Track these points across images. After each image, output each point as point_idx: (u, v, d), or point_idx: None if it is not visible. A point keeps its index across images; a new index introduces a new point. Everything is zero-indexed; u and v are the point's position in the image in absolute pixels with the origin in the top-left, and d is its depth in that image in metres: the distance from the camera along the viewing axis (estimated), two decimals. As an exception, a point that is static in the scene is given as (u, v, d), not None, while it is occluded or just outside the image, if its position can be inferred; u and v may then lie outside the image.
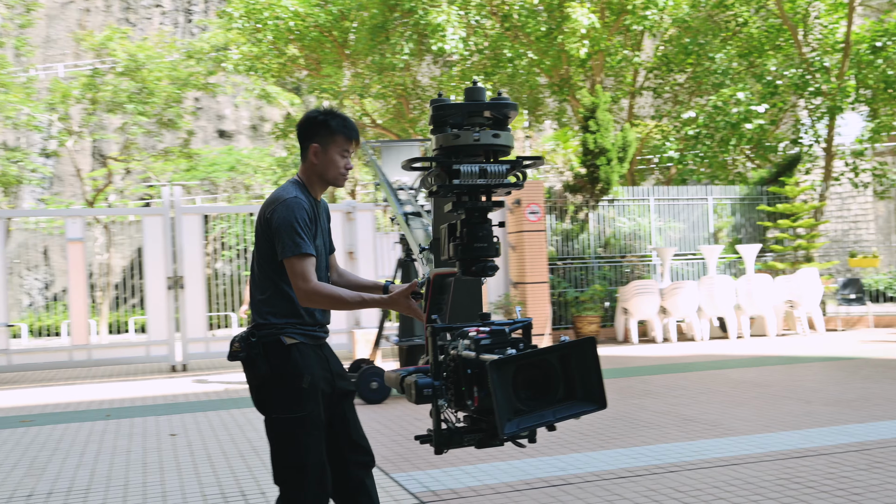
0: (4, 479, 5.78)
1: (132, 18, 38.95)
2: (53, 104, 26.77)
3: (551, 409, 2.13)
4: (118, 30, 27.30)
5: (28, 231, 32.03)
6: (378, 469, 5.62)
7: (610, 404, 7.27)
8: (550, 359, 2.12)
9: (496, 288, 13.38)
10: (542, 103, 22.02)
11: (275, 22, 19.35)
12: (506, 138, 2.15)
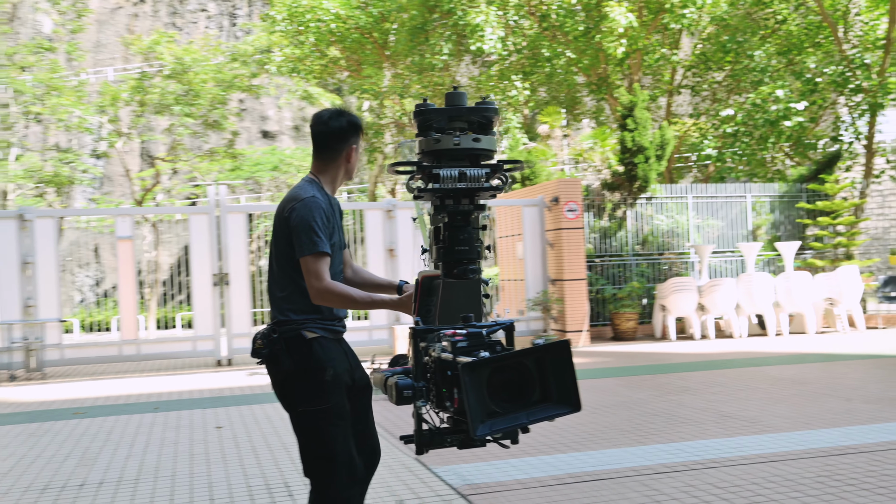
0: (59, 468, 5.89)
1: (179, 23, 39.43)
2: (103, 107, 27.20)
3: (526, 411, 2.11)
4: (165, 34, 27.66)
5: (79, 230, 32.58)
6: (417, 462, 5.64)
7: (649, 400, 7.21)
8: (526, 362, 2.10)
9: (534, 285, 13.33)
10: (580, 102, 21.90)
11: (317, 24, 19.48)
12: (487, 142, 2.12)
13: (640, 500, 4.55)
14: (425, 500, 4.73)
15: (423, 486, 5.05)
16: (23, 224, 11.24)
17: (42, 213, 11.66)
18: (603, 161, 15.94)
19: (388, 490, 4.97)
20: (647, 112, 14.36)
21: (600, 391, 8.46)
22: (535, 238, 13.43)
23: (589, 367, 10.46)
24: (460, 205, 2.18)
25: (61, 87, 26.47)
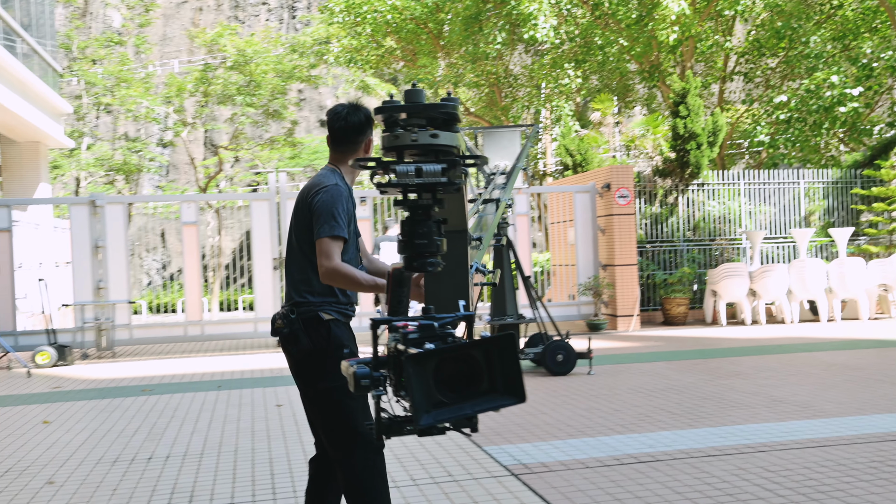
0: (128, 442, 6.03)
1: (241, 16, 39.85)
2: (169, 97, 27.66)
3: (472, 401, 2.09)
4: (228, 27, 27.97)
5: (147, 215, 33.26)
6: (471, 441, 5.65)
7: (700, 384, 7.10)
8: (474, 353, 2.08)
9: (585, 270, 13.22)
10: (632, 89, 21.61)
11: (373, 15, 19.50)
12: (446, 138, 2.10)
13: (691, 482, 4.49)
14: (478, 479, 4.73)
15: (475, 464, 5.05)
16: (94, 210, 11.50)
17: (112, 200, 11.91)
18: (655, 148, 15.72)
19: (442, 467, 4.98)
20: (699, 99, 14.09)
21: (651, 374, 8.36)
22: (586, 224, 13.31)
23: (639, 351, 10.35)
24: (421, 199, 2.17)
25: (130, 79, 26.98)
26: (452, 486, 4.60)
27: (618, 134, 21.19)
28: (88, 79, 27.29)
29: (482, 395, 2.09)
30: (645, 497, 4.26)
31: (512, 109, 20.19)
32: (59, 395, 8.40)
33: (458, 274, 2.44)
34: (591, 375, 8.43)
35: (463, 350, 2.08)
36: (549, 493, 4.39)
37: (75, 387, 8.92)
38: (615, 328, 12.91)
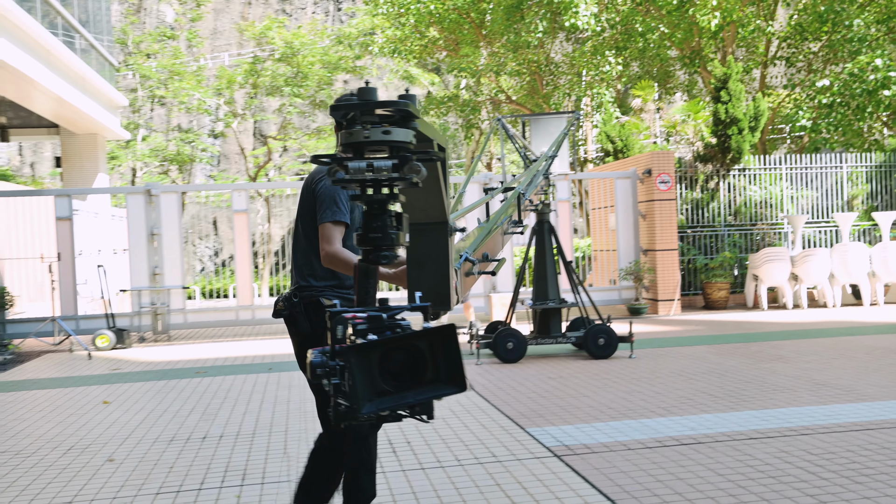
0: (183, 422, 6.13)
1: (288, 9, 40.04)
2: (220, 90, 27.95)
3: (415, 390, 2.09)
4: (276, 20, 28.13)
5: (199, 204, 33.70)
6: (514, 423, 5.63)
7: (741, 367, 6.98)
8: (419, 344, 2.08)
9: (626, 255, 13.09)
10: (673, 76, 21.29)
11: (417, 6, 19.44)
12: (399, 134, 2.09)
13: (733, 465, 4.42)
14: (521, 460, 4.71)
15: (519, 446, 5.04)
16: (150, 199, 11.67)
17: (167, 189, 12.08)
18: (695, 133, 15.47)
19: (486, 448, 4.98)
20: (741, 84, 13.82)
21: (692, 358, 8.26)
22: (627, 209, 13.17)
23: (680, 335, 10.23)
24: (376, 194, 2.17)
25: (182, 72, 27.31)
26: (496, 467, 4.59)
27: (658, 120, 20.89)
28: (143, 72, 27.68)
29: (426, 384, 2.10)
30: (687, 479, 4.21)
31: (553, 97, 20.01)
32: (117, 376, 8.57)
33: (440, 264, 2.44)
34: (632, 359, 8.35)
35: (407, 340, 2.09)
36: (592, 475, 4.36)
37: (133, 369, 9.09)
38: (656, 312, 12.78)
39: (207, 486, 4.46)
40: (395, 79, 29.70)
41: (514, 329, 8.57)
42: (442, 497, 4.10)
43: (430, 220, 2.41)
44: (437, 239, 2.44)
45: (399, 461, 4.78)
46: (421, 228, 2.43)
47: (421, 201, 2.35)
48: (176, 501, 4.22)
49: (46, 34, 12.62)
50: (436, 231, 2.43)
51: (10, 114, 16.43)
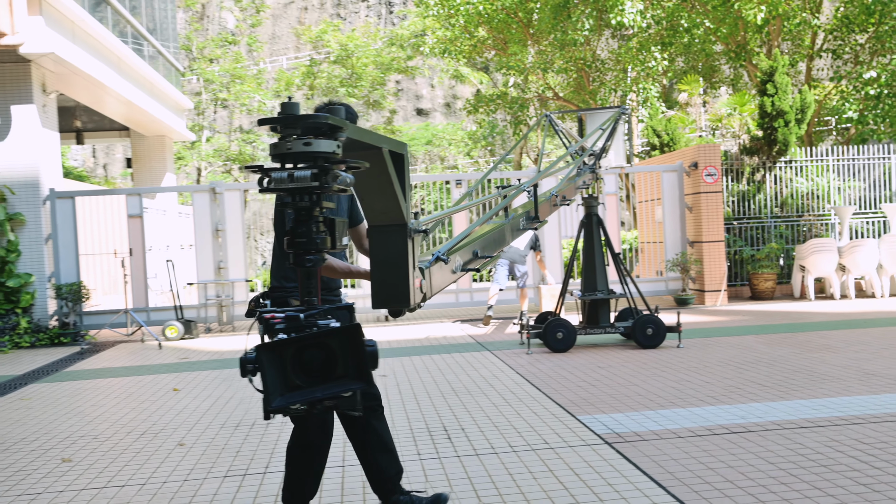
0: (247, 408, 6.21)
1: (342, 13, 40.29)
2: (279, 91, 28.26)
3: (325, 385, 2.18)
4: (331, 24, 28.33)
5: (260, 201, 34.15)
6: (565, 411, 5.58)
7: (789, 357, 6.82)
8: (331, 342, 2.18)
9: (673, 247, 12.89)
10: (718, 70, 20.88)
11: (466, 7, 19.38)
12: (320, 145, 2.15)
13: (784, 453, 4.32)
14: (573, 447, 4.67)
15: (570, 433, 4.99)
16: (214, 197, 11.85)
17: (230, 187, 12.25)
18: (741, 126, 15.15)
19: (538, 435, 4.94)
20: (787, 77, 13.48)
21: (740, 348, 8.10)
22: (673, 202, 12.96)
23: (728, 325, 10.04)
24: (301, 201, 2.24)
25: (243, 76, 27.67)
26: (548, 454, 4.55)
27: (704, 114, 20.52)
28: (207, 77, 28.12)
29: (337, 379, 2.18)
30: (738, 467, 4.13)
31: (599, 93, 19.79)
32: (186, 365, 8.72)
33: (400, 265, 2.49)
34: (680, 348, 8.22)
35: (317, 339, 2.17)
36: (643, 462, 4.30)
37: (200, 358, 9.24)
38: (702, 303, 12.56)
39: (272, 469, 4.51)
40: (446, 78, 29.70)
41: (563, 319, 8.50)
42: (496, 482, 4.08)
43: (390, 222, 2.45)
44: (396, 240, 2.48)
45: (454, 447, 4.78)
46: (382, 230, 2.47)
47: (379, 204, 2.40)
48: (243, 483, 4.27)
49: (118, 42, 12.89)
50: (395, 233, 2.47)
51: (84, 118, 16.85)
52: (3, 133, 10.89)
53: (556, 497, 3.81)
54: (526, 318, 9.10)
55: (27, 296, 10.78)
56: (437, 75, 31.46)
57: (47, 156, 11.27)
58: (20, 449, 5.28)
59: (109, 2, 13.00)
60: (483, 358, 8.18)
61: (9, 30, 10.01)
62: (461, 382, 6.86)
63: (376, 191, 2.42)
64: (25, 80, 10.87)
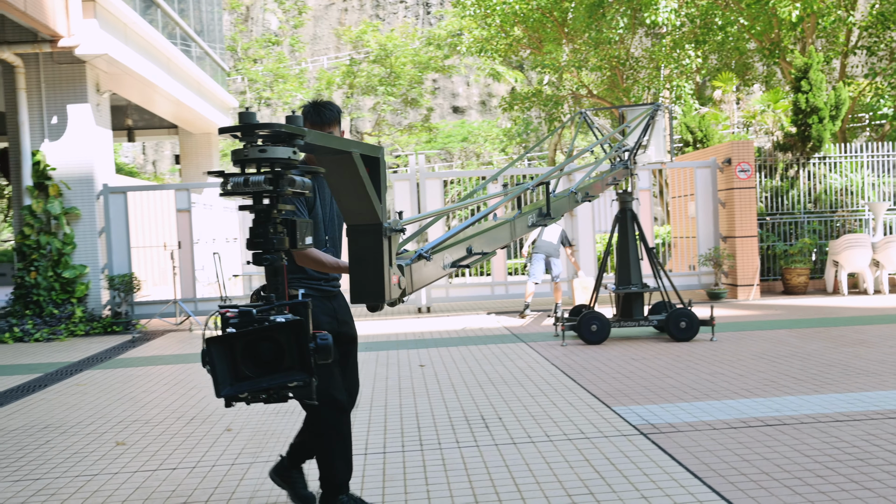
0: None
1: (381, 14, 40.35)
2: (320, 90, 28.40)
3: (272, 376, 2.29)
4: (370, 24, 28.40)
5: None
6: (600, 402, 5.54)
7: (823, 351, 6.67)
8: (279, 336, 2.28)
9: (706, 241, 12.72)
10: (751, 67, 20.54)
11: (502, 7, 19.28)
12: (275, 152, 2.26)
13: (820, 446, 4.24)
14: (608, 437, 4.63)
15: (605, 423, 4.95)
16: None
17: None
18: (775, 123, 14.89)
19: (574, 425, 4.91)
20: (821, 74, 13.21)
21: (773, 342, 7.96)
22: (707, 197, 12.78)
23: (761, 319, 9.88)
24: (258, 204, 2.36)
25: (286, 75, 27.86)
26: (584, 443, 4.52)
27: (737, 111, 20.20)
28: (251, 76, 28.37)
29: (285, 370, 2.28)
30: (773, 459, 4.06)
31: (633, 90, 19.57)
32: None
33: (376, 262, 2.56)
34: (713, 342, 8.11)
35: (262, 333, 2.26)
36: (678, 452, 4.25)
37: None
38: (735, 297, 12.38)
39: (316, 455, 4.54)
40: (482, 76, 29.62)
41: (597, 312, 8.44)
42: (534, 470, 4.07)
43: (366, 222, 2.55)
44: (372, 240, 2.56)
45: (492, 436, 4.76)
46: (359, 230, 2.56)
47: (354, 206, 2.49)
48: (288, 469, 4.30)
49: (167, 43, 13.05)
50: (371, 233, 2.56)
51: (135, 116, 17.09)
52: (59, 131, 11.10)
53: (592, 486, 3.79)
54: (560, 311, 9.05)
55: (82, 286, 10.98)
56: (473, 74, 31.37)
57: (101, 152, 11.46)
58: (77, 432, 5.38)
59: (159, 4, 13.16)
60: (518, 349, 8.15)
61: (65, 32, 10.19)
62: (497, 373, 6.85)
63: (351, 193, 2.49)
64: (80, 80, 11.06)
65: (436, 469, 4.16)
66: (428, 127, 30.17)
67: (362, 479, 4.02)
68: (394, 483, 3.97)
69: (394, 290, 2.66)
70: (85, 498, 4.00)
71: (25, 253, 10.83)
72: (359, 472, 4.16)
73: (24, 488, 4.19)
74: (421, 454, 4.44)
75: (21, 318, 10.61)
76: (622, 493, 3.66)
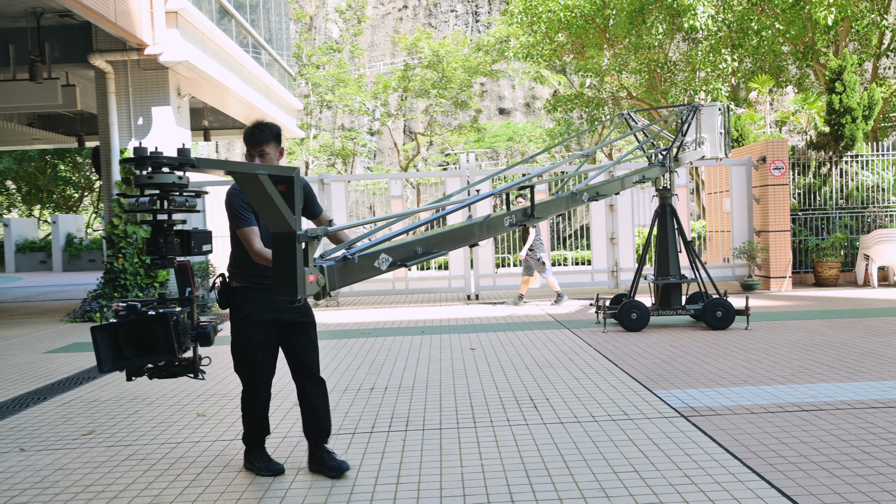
0: (353, 375, 6.31)
1: (433, 22, 40.29)
2: (377, 94, 28.49)
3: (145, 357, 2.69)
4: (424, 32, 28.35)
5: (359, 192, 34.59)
6: (641, 385, 5.46)
7: (856, 341, 6.45)
8: (153, 325, 2.67)
9: (740, 235, 12.44)
10: (785, 70, 19.97)
11: (547, 15, 19.08)
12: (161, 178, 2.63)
13: (856, 431, 4.11)
14: (651, 419, 4.56)
15: (647, 406, 4.88)
16: (323, 186, 12.07)
17: (336, 179, 12.44)
18: (809, 122, 14.46)
19: (617, 407, 4.85)
20: (855, 75, 12.77)
21: (806, 331, 7.75)
22: (741, 193, 12.49)
23: (794, 310, 9.63)
24: (154, 218, 2.72)
25: (346, 80, 28.01)
26: (628, 424, 4.46)
27: (772, 112, 19.66)
28: (314, 80, 28.61)
29: (157, 353, 2.69)
30: (810, 443, 3.95)
31: (670, 93, 19.20)
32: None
33: (290, 264, 2.85)
34: (748, 331, 7.93)
35: (139, 323, 2.66)
36: (718, 434, 4.17)
37: (310, 328, 9.41)
38: (768, 288, 12.09)
39: (377, 429, 4.57)
40: (527, 80, 29.38)
41: (638, 301, 8.32)
42: (580, 448, 4.03)
43: (282, 230, 2.84)
44: (287, 246, 2.85)
45: (540, 415, 4.73)
46: (278, 236, 2.87)
47: (272, 217, 2.81)
48: (352, 442, 4.34)
49: (240, 51, 13.22)
50: (286, 240, 2.85)
51: (210, 117, 17.36)
52: (144, 131, 11.34)
53: (636, 464, 3.73)
54: (601, 299, 8.95)
55: (164, 273, 11.22)
56: (519, 77, 31.12)
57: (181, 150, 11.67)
58: (161, 404, 5.51)
59: (233, 15, 13.33)
60: (562, 335, 8.08)
61: (151, 41, 10.39)
62: (543, 356, 6.80)
63: (265, 206, 2.78)
64: (163, 85, 11.27)
65: (488, 445, 4.15)
66: (476, 127, 30.06)
67: (421, 453, 4.03)
68: (450, 457, 3.97)
69: (311, 287, 2.93)
70: (171, 463, 4.09)
71: (114, 241, 11.11)
72: (417, 446, 4.17)
73: (117, 453, 4.30)
74: (474, 431, 4.43)
75: (110, 300, 10.90)
76: (665, 472, 3.60)
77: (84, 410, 5.38)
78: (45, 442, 4.61)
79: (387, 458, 3.99)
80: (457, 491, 3.46)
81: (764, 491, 3.31)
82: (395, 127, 34.23)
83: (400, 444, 4.23)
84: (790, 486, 3.34)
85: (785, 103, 17.75)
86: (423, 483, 3.57)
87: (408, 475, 3.70)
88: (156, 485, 3.75)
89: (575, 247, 22.35)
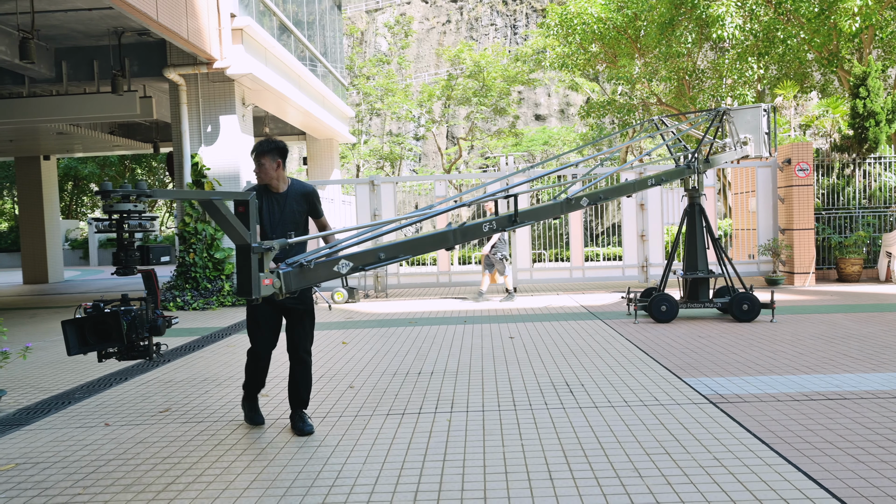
0: (401, 361, 6.35)
1: (475, 35, 40.19)
2: (422, 102, 28.55)
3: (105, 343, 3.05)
4: (466, 44, 28.30)
5: (405, 192, 34.74)
6: (671, 373, 5.38)
7: (879, 334, 6.25)
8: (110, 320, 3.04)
9: (765, 233, 12.15)
10: (809, 76, 19.43)
11: (582, 27, 18.88)
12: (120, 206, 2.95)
13: (880, 420, 3.99)
14: (681, 404, 4.50)
15: (677, 392, 4.81)
16: (373, 188, 12.15)
17: (385, 181, 12.51)
18: (833, 126, 14.05)
19: (649, 393, 4.79)
20: (878, 81, 12.36)
21: (830, 324, 7.54)
22: (767, 194, 12.20)
23: (817, 304, 9.37)
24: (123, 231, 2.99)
25: (394, 89, 28.13)
26: (659, 409, 4.40)
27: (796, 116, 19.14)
28: (365, 90, 28.79)
29: (112, 340, 3.05)
30: (836, 430, 3.84)
31: (698, 99, 18.84)
32: (351, 323, 9.00)
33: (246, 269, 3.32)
34: (773, 323, 7.75)
35: (102, 318, 3.03)
36: (746, 420, 4.08)
37: (361, 318, 9.51)
38: (792, 284, 11.79)
39: (425, 410, 4.59)
40: (562, 87, 29.11)
41: (667, 294, 8.19)
42: (614, 431, 3.99)
43: (241, 243, 3.32)
44: (244, 256, 3.33)
45: (576, 400, 4.70)
46: (238, 248, 3.35)
47: (231, 232, 3.28)
48: (402, 421, 4.37)
49: (298, 64, 13.38)
50: (244, 251, 3.34)
51: (272, 125, 17.62)
52: (213, 138, 11.56)
53: (668, 447, 3.68)
54: (633, 292, 8.84)
55: (230, 265, 11.43)
56: (554, 85, 30.85)
57: (245, 155, 11.88)
58: (229, 384, 5.62)
59: (293, 31, 13.49)
60: (595, 325, 8.01)
61: (219, 56, 10.58)
62: (577, 345, 6.75)
63: (224, 224, 3.24)
64: (230, 95, 11.47)
65: (528, 426, 4.14)
66: (514, 132, 29.93)
67: (465, 434, 4.04)
68: (492, 437, 3.97)
69: (266, 289, 3.38)
70: (238, 439, 4.17)
71: (185, 237, 11.35)
72: (461, 426, 4.18)
73: (190, 429, 4.41)
74: (514, 413, 4.42)
75: (182, 291, 11.15)
76: (696, 455, 3.55)
77: (160, 390, 5.52)
78: (126, 417, 4.74)
79: (434, 437, 4.00)
80: (499, 468, 3.45)
81: (791, 474, 3.23)
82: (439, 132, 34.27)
83: (446, 424, 4.24)
84: (816, 470, 3.26)
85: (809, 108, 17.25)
86: (468, 461, 3.58)
87: (453, 453, 3.71)
88: (225, 458, 3.83)
89: (606, 243, 22.10)
